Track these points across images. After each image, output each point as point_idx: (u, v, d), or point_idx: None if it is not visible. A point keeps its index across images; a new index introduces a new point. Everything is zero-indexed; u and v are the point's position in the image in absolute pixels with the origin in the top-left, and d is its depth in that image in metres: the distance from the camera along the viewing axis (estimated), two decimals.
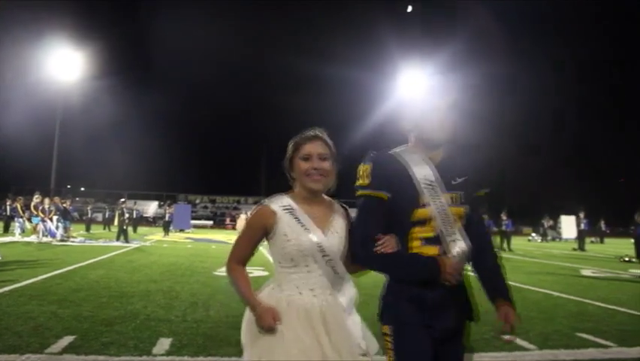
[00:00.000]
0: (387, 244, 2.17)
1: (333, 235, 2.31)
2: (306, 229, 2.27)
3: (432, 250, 2.22)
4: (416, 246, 2.23)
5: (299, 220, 2.29)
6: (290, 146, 2.41)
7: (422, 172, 2.26)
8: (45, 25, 46.89)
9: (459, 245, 2.23)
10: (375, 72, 59.50)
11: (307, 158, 2.34)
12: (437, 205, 2.22)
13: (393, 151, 2.37)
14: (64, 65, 46.08)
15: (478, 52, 64.25)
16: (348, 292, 2.36)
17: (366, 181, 2.25)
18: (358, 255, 2.28)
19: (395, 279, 2.28)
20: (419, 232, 2.23)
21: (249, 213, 33.21)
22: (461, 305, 2.31)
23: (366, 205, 2.26)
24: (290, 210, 2.31)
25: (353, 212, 2.44)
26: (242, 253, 2.38)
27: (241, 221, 35.79)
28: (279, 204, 2.34)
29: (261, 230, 2.32)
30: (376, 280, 2.28)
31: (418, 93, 2.42)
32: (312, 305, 2.22)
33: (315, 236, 2.26)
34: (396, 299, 2.24)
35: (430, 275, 2.16)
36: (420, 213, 2.22)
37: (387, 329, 2.23)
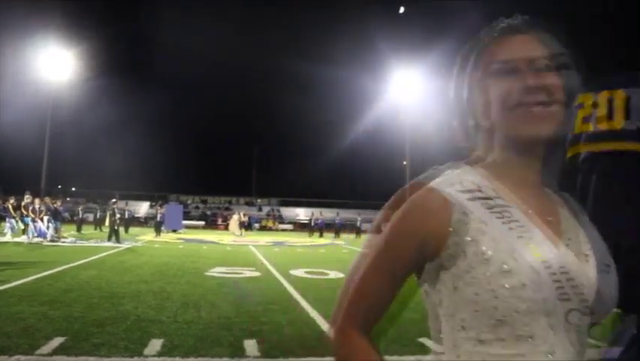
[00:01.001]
0: None
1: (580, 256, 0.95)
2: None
3: None
4: None
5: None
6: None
7: None
8: (35, 23, 46.72)
9: None
10: (368, 73, 59.72)
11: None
12: None
13: None
14: (55, 64, 45.88)
15: None
16: None
17: (620, 124, 1.09)
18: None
19: None
20: None
21: (241, 214, 32.62)
22: None
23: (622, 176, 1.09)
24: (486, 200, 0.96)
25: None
26: (370, 305, 1.01)
27: (234, 222, 35.72)
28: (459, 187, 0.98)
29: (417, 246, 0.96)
30: None
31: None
32: None
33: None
34: None
35: None
36: None
37: None
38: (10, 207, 21.45)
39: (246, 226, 36.18)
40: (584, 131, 1.09)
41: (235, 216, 36.89)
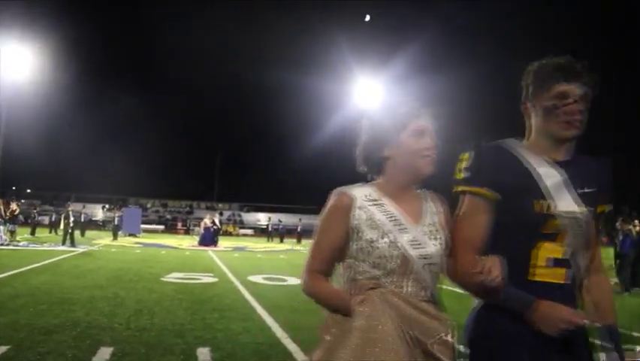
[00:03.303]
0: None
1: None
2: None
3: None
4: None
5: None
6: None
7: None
8: None
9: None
10: (332, 80, 59.85)
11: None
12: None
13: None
14: (9, 61, 44.57)
15: (431, 62, 65.65)
16: None
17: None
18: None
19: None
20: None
21: (215, 218, 30.40)
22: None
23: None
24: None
25: None
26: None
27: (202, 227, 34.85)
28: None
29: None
30: None
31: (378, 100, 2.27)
32: None
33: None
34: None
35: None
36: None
37: None
38: None
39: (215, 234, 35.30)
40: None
41: (203, 222, 36.17)
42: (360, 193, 1.75)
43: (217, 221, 29.65)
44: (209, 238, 27.00)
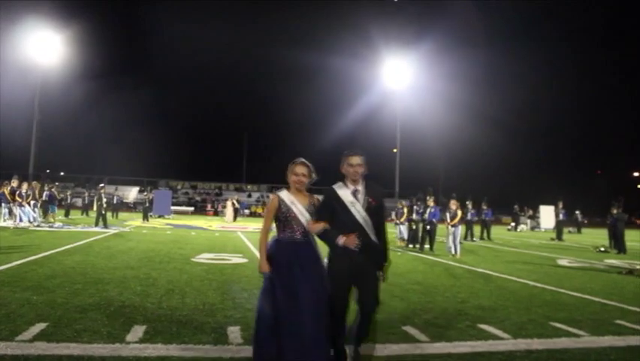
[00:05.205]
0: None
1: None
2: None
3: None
4: None
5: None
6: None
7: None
8: (24, 6, 46.00)
9: None
10: (360, 61, 59.33)
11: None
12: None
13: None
14: (43, 47, 45.29)
15: (459, 43, 64.52)
16: None
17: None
18: None
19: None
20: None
21: (234, 200, 32.82)
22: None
23: None
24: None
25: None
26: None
27: (229, 207, 35.54)
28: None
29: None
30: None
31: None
32: None
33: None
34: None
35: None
36: None
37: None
38: (6, 192, 21.10)
39: (236, 213, 35.84)
40: None
41: (229, 203, 36.66)
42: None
43: (235, 202, 37.01)
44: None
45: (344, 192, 4.21)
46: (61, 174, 59.86)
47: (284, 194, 4.27)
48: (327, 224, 4.10)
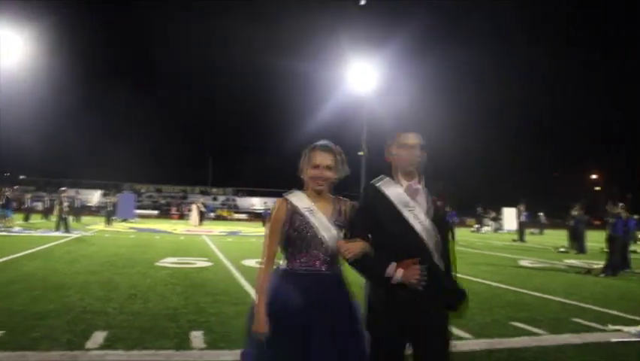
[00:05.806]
0: None
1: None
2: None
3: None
4: None
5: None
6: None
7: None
8: None
9: None
10: (326, 65, 59.53)
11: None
12: None
13: None
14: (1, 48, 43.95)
15: (424, 45, 65.34)
16: None
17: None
18: None
19: None
20: None
21: (200, 203, 32.60)
22: None
23: None
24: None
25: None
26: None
27: (195, 211, 35.12)
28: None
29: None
30: None
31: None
32: None
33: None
34: None
35: None
36: None
37: None
38: None
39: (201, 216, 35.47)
40: None
41: (194, 206, 36.26)
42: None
43: (201, 205, 36.49)
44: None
45: (394, 191, 2.66)
46: (21, 177, 58.43)
47: (297, 198, 2.68)
48: (367, 244, 2.56)
